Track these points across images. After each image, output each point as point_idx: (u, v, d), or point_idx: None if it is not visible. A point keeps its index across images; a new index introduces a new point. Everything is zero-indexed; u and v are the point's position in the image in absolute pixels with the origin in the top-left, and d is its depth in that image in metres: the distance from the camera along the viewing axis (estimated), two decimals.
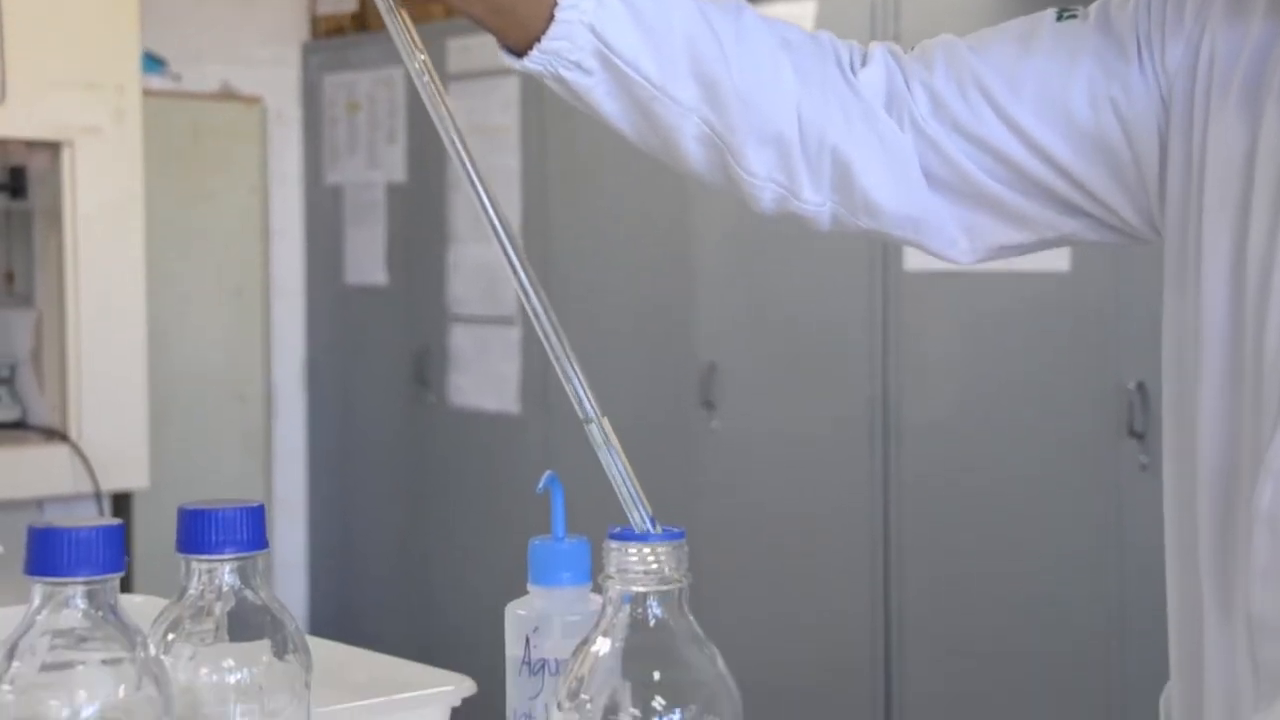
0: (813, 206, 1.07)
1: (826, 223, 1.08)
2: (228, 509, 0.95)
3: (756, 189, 1.06)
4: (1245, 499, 0.90)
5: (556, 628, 1.09)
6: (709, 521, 3.10)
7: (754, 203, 1.07)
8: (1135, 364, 2.56)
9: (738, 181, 1.06)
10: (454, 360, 3.84)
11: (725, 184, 1.07)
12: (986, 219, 1.06)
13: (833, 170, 1.05)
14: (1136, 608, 2.52)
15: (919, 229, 1.07)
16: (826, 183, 1.06)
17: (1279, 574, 0.86)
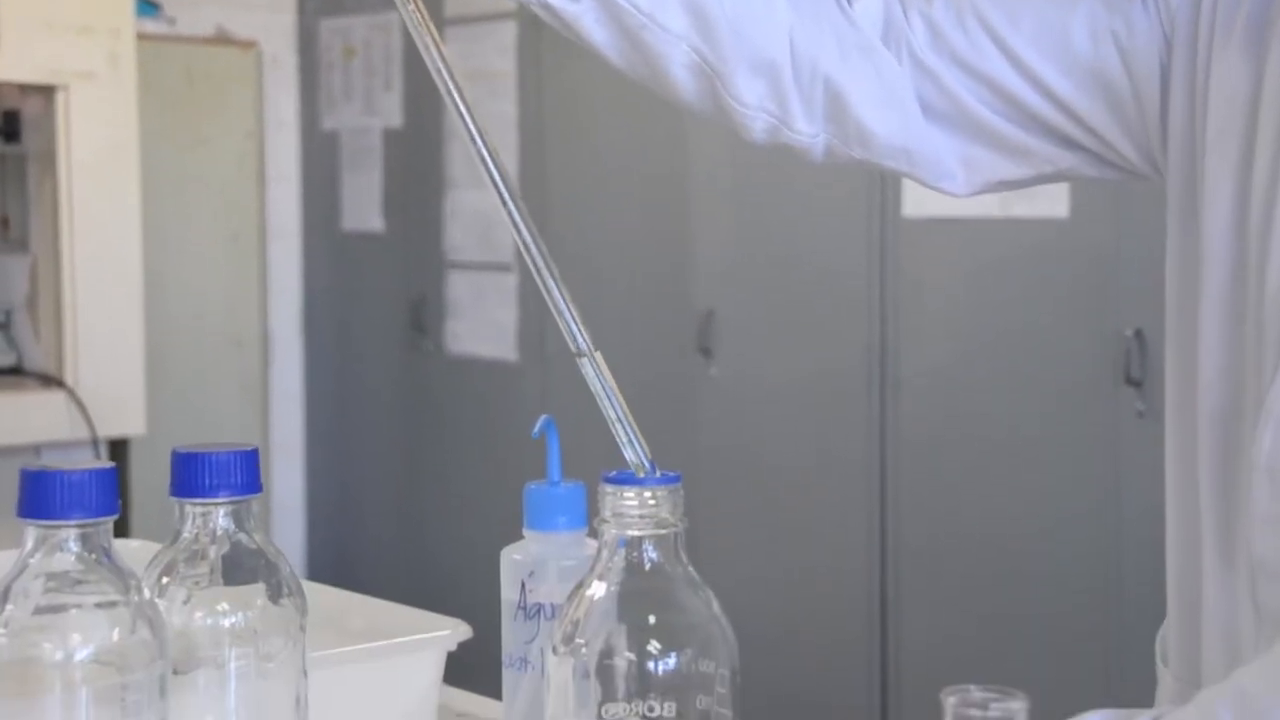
0: (805, 137, 1.05)
1: (819, 154, 1.07)
2: (222, 452, 0.95)
3: (747, 119, 1.05)
4: (1245, 443, 0.89)
5: (552, 572, 1.09)
6: (707, 469, 3.10)
7: (745, 132, 1.06)
8: (1134, 311, 2.56)
9: (728, 111, 1.05)
10: (451, 307, 3.83)
11: (716, 114, 1.05)
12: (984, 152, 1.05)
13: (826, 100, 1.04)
14: (1133, 553, 2.53)
15: (913, 160, 1.05)
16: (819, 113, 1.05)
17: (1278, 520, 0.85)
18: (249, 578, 0.96)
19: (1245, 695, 0.77)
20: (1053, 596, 2.67)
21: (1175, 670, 1.00)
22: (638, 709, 0.87)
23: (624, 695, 0.87)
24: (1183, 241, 0.98)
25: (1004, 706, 0.71)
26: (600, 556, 0.89)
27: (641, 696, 0.87)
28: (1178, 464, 0.99)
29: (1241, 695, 0.77)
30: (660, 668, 0.87)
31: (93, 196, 3.38)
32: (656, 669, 0.87)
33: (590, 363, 0.92)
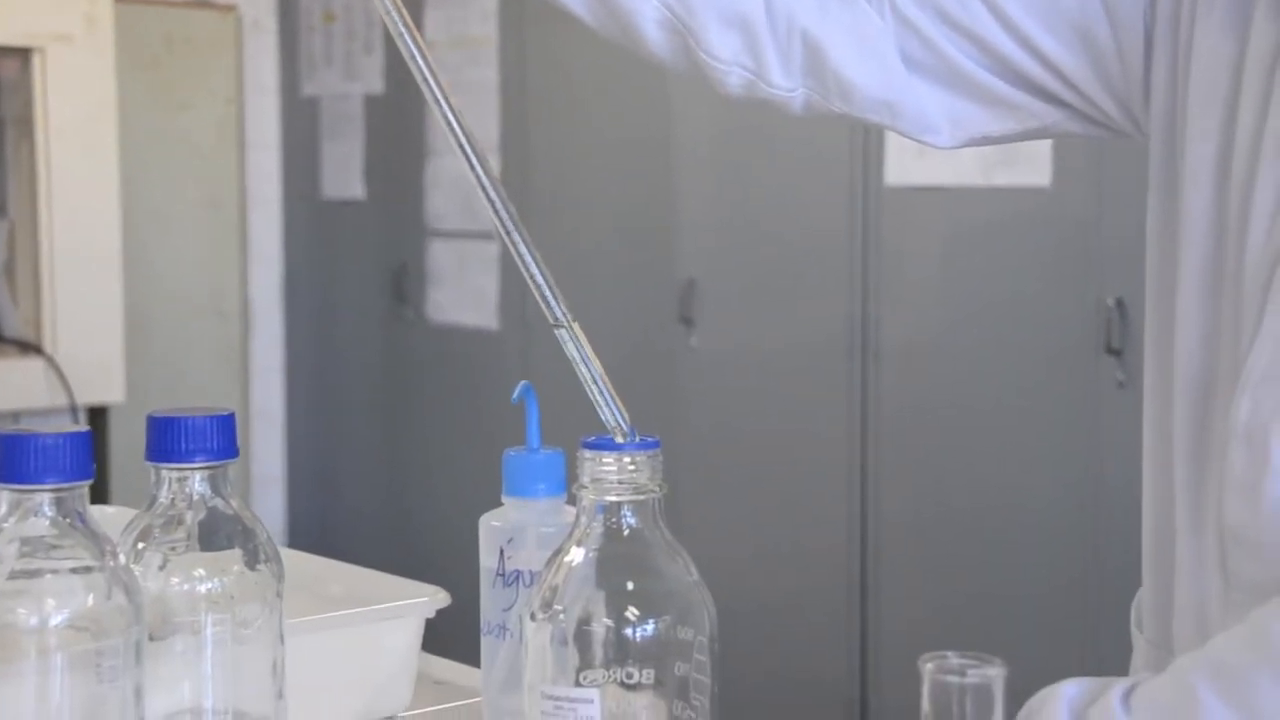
0: (783, 91, 1.04)
1: (799, 108, 1.06)
2: (198, 417, 0.94)
3: (721, 73, 1.04)
4: (1221, 410, 0.89)
5: (531, 539, 1.08)
6: (688, 438, 3.10)
7: (720, 86, 1.05)
8: (1115, 281, 2.56)
9: (702, 66, 1.03)
10: (432, 276, 3.82)
11: (690, 69, 1.04)
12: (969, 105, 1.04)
13: (804, 54, 1.03)
14: (1111, 521, 2.53)
15: (895, 114, 1.04)
16: (797, 67, 1.04)
17: (1253, 487, 0.85)
18: (225, 543, 0.95)
19: (1220, 665, 0.77)
20: (1032, 565, 2.67)
21: (1149, 635, 1.01)
22: (616, 675, 0.87)
23: (602, 662, 0.87)
24: (1163, 207, 0.98)
25: (981, 673, 0.71)
26: (579, 522, 0.89)
27: (620, 663, 0.87)
28: (1154, 431, 0.99)
29: (1216, 665, 0.77)
30: (639, 634, 0.87)
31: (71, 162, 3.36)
32: (635, 635, 0.87)
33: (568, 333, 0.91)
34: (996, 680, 0.71)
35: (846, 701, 2.89)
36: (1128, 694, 0.79)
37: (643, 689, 0.87)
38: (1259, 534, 0.85)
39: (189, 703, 0.95)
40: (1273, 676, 0.75)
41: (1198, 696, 0.76)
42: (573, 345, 0.91)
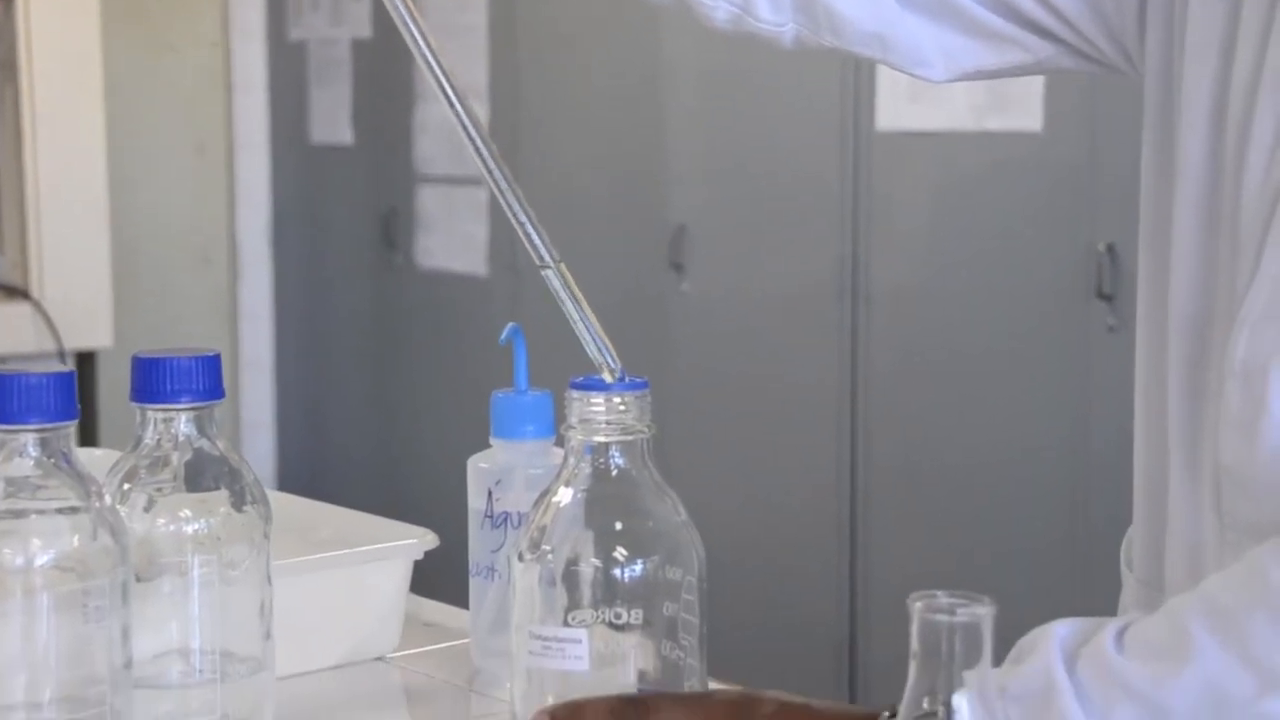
0: (771, 26, 1.03)
1: (788, 42, 1.04)
2: (183, 357, 0.94)
3: (708, 7, 1.03)
4: (1217, 349, 0.89)
5: (519, 481, 1.08)
6: (678, 384, 3.10)
7: (706, 20, 1.03)
8: (1106, 226, 2.55)
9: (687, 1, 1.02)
10: (421, 221, 3.80)
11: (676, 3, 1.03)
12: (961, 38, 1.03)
13: None
14: (1100, 465, 2.54)
15: (887, 47, 1.03)
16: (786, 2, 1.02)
17: (1249, 426, 0.85)
18: (212, 485, 0.95)
19: (1215, 605, 0.77)
20: (1021, 509, 2.68)
21: (1139, 574, 1.01)
22: (604, 616, 0.87)
23: (590, 602, 0.87)
24: (1158, 145, 0.97)
25: (970, 611, 0.71)
26: (567, 463, 0.88)
27: (608, 603, 0.87)
28: (1147, 372, 0.99)
29: (1211, 605, 0.77)
30: (627, 574, 0.87)
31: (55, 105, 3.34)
32: (623, 576, 0.87)
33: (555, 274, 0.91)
34: (986, 619, 0.71)
35: (836, 643, 2.90)
36: (1120, 633, 0.79)
37: (631, 629, 0.87)
38: (1255, 473, 0.85)
39: (176, 643, 0.95)
40: (1268, 618, 0.75)
41: (1191, 637, 0.76)
42: (560, 285, 0.90)
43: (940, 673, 0.72)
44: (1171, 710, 0.76)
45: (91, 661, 0.87)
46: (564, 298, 0.90)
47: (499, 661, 1.05)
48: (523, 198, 0.92)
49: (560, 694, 0.86)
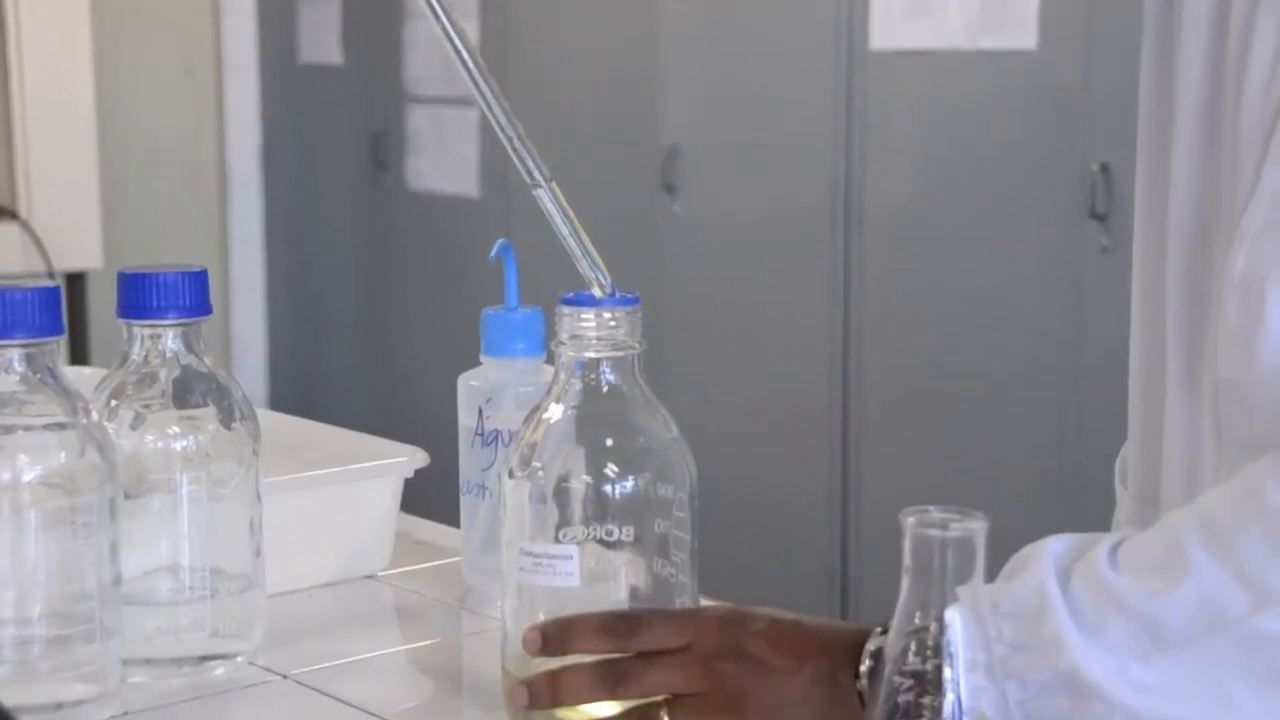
0: None
1: None
2: (170, 273, 0.93)
3: None
4: (1216, 264, 0.88)
5: (509, 399, 1.08)
6: (670, 306, 3.09)
7: None
8: (1100, 145, 2.54)
9: None
10: (411, 142, 3.78)
11: None
12: None
13: None
14: (1093, 385, 2.53)
15: None
16: None
17: (1247, 340, 0.84)
18: (200, 401, 0.95)
19: (1210, 522, 0.77)
20: (1014, 429, 2.68)
21: (1134, 491, 1.00)
22: (595, 532, 0.86)
23: (581, 519, 0.86)
24: (1157, 60, 0.96)
25: (963, 526, 0.70)
26: (557, 379, 0.88)
27: (599, 520, 0.86)
28: (1144, 287, 0.98)
29: (1207, 522, 0.77)
30: (618, 491, 0.86)
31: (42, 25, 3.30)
32: (614, 492, 0.86)
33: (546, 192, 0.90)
34: (979, 534, 0.70)
35: (827, 564, 2.91)
36: (1114, 550, 0.78)
37: (622, 546, 0.87)
38: (1252, 387, 0.84)
39: (166, 560, 0.95)
40: (1263, 535, 0.75)
41: (1186, 553, 0.76)
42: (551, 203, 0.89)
43: (932, 588, 0.71)
44: (1165, 626, 0.76)
45: (80, 577, 0.87)
46: (555, 216, 0.89)
47: (490, 579, 1.05)
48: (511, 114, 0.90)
49: (551, 611, 0.86)
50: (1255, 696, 0.76)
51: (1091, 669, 0.75)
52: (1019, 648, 0.77)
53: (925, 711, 0.71)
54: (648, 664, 0.82)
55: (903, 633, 0.72)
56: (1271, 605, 0.74)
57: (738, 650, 0.82)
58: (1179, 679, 0.76)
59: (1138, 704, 0.76)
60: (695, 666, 0.82)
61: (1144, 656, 0.76)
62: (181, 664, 0.94)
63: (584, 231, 0.89)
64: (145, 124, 3.96)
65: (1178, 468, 0.92)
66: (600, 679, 0.83)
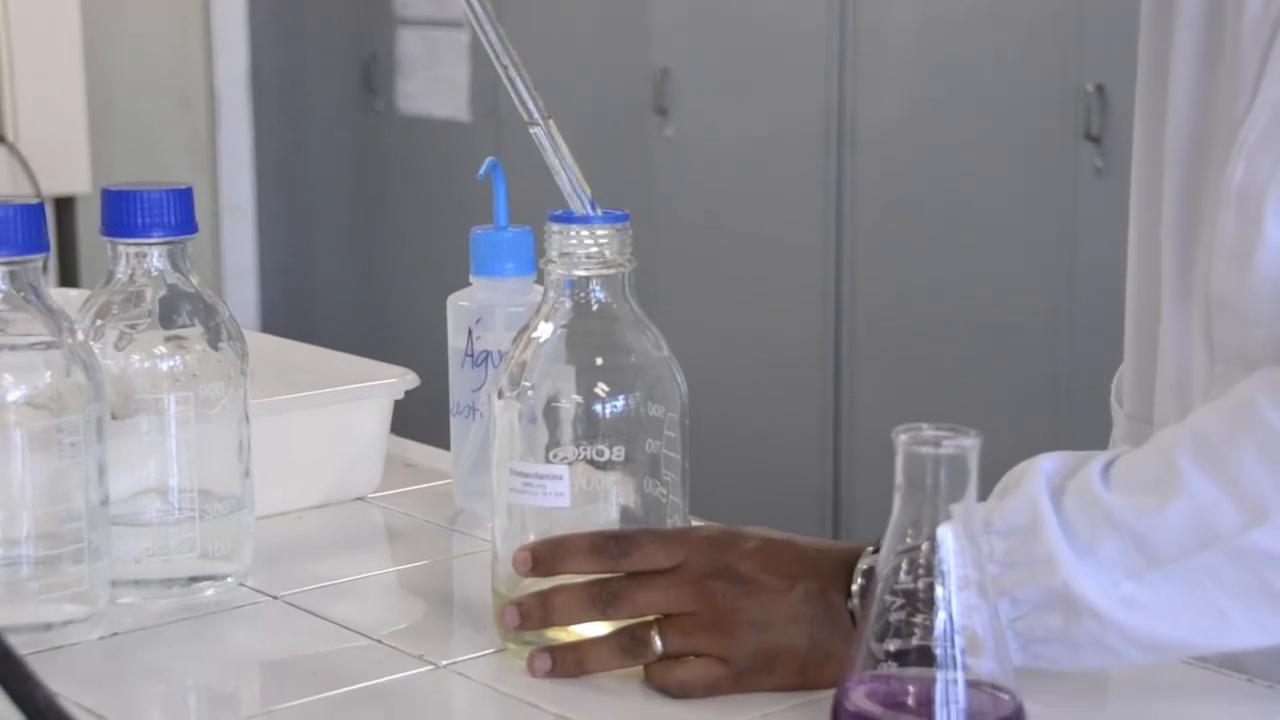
0: None
1: None
2: (155, 190, 0.92)
3: None
4: (1212, 178, 0.87)
5: (499, 319, 1.07)
6: (662, 229, 3.08)
7: None
8: (1095, 66, 2.52)
9: None
10: (402, 66, 3.75)
11: None
12: None
13: None
14: (1088, 307, 2.53)
15: None
16: None
17: (1242, 253, 0.84)
18: (186, 321, 0.94)
19: (1203, 438, 0.77)
20: (1008, 351, 2.68)
21: (1129, 410, 1.00)
22: (585, 453, 0.86)
23: (571, 439, 0.86)
24: None
25: (956, 443, 0.70)
26: (546, 297, 0.87)
27: (589, 440, 0.86)
28: (1141, 203, 0.97)
29: (1199, 438, 0.77)
30: (608, 410, 0.85)
31: None
32: (604, 412, 0.85)
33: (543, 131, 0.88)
34: (972, 451, 0.70)
35: (819, 486, 2.92)
36: (1107, 467, 0.78)
37: (612, 466, 0.86)
38: (1245, 301, 0.84)
39: (154, 482, 0.94)
40: (1255, 450, 0.75)
41: (1179, 469, 0.76)
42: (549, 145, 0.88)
43: (924, 506, 0.71)
44: (1157, 543, 0.75)
45: (68, 498, 0.87)
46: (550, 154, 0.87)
47: (480, 501, 1.05)
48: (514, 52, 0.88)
49: (541, 531, 0.86)
50: (1247, 612, 0.76)
51: (1083, 586, 0.75)
52: (1011, 565, 0.77)
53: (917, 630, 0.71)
54: (638, 584, 0.82)
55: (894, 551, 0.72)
56: (1264, 520, 0.74)
57: (728, 570, 0.81)
58: (1170, 596, 0.76)
59: (1129, 620, 0.76)
60: (686, 586, 0.81)
61: (1136, 574, 0.76)
62: (171, 585, 0.94)
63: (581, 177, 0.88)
64: (133, 47, 3.93)
65: (1171, 384, 0.92)
66: (591, 599, 0.82)
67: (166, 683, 0.86)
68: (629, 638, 0.82)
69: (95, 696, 0.81)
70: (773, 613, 0.80)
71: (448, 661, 0.86)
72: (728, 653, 0.80)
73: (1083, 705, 0.80)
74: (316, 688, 0.83)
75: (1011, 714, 0.71)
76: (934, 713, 0.69)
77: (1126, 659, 0.77)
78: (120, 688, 0.84)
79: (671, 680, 0.81)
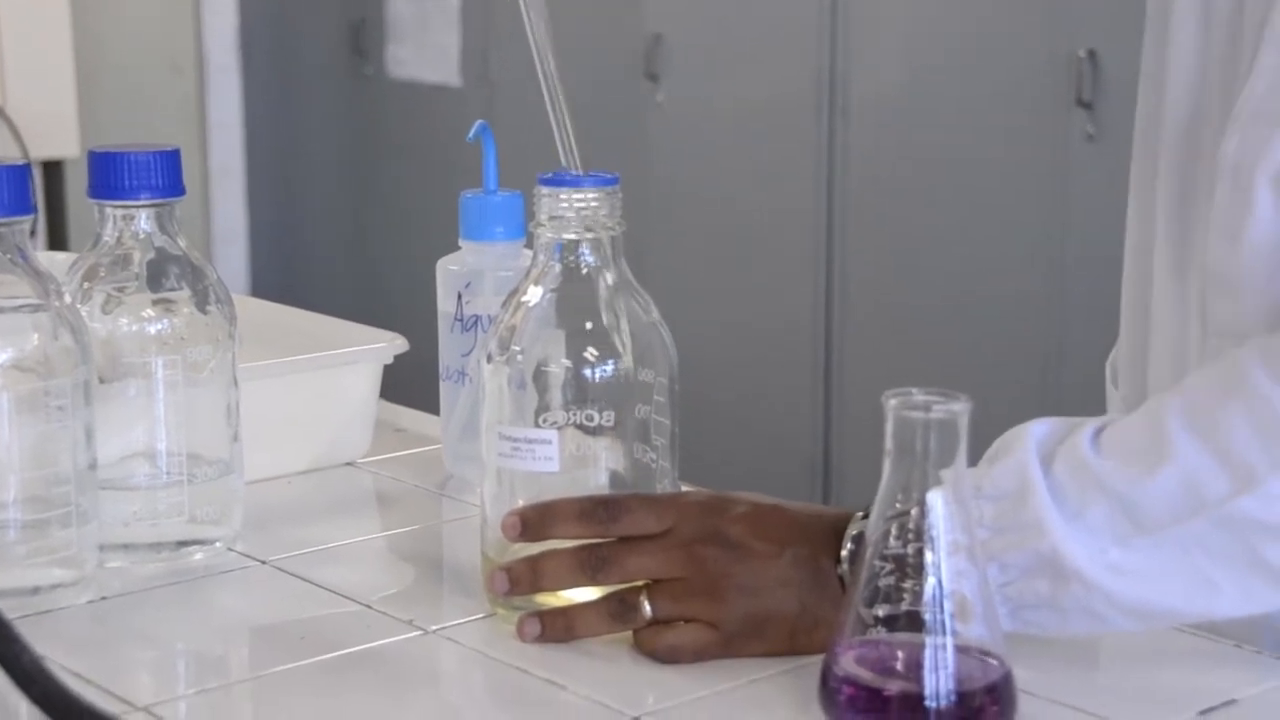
0: None
1: None
2: (142, 152, 0.91)
3: None
4: (1208, 151, 0.87)
5: (489, 284, 1.07)
6: (654, 196, 3.07)
7: None
8: (1087, 31, 2.50)
9: None
10: (392, 30, 3.73)
11: None
12: None
13: None
14: (1079, 275, 2.53)
15: None
16: None
17: (1235, 227, 0.84)
18: (174, 285, 0.93)
19: (1194, 405, 0.76)
20: (1000, 319, 2.67)
21: (1124, 390, 1.00)
22: (575, 417, 0.85)
23: (561, 404, 0.85)
24: None
25: (946, 408, 0.70)
26: (536, 261, 0.86)
27: (579, 404, 0.85)
28: (1139, 176, 0.97)
29: (1190, 404, 0.76)
30: (597, 375, 0.85)
31: None
32: (593, 376, 0.85)
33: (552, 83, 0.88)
34: (962, 416, 0.70)
35: (809, 453, 2.92)
36: (1097, 433, 0.78)
37: (602, 431, 0.86)
38: (1238, 275, 0.84)
39: (142, 446, 0.94)
40: (1245, 415, 0.75)
41: (1169, 436, 0.76)
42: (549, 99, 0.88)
43: (914, 471, 0.71)
44: (1146, 509, 0.75)
45: (56, 461, 0.86)
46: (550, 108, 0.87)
47: (470, 466, 1.04)
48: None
49: (531, 496, 0.86)
50: (1234, 580, 0.76)
51: (1071, 551, 0.75)
52: (1000, 530, 0.77)
53: (906, 595, 0.71)
54: (628, 549, 0.82)
55: (884, 516, 0.72)
56: (1252, 487, 0.74)
57: (718, 535, 0.81)
58: (1157, 562, 0.76)
59: (1115, 587, 0.76)
60: (675, 551, 0.81)
61: (1123, 539, 0.75)
62: (159, 549, 0.94)
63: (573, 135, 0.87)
64: (121, 10, 3.91)
65: (1165, 362, 0.92)
66: (580, 564, 0.82)
67: (155, 647, 0.86)
68: (618, 603, 0.82)
69: (83, 661, 0.81)
70: (762, 578, 0.80)
71: (437, 626, 0.86)
72: (717, 618, 0.80)
73: (1072, 671, 0.80)
74: (305, 652, 0.83)
75: (1000, 679, 0.71)
76: (923, 678, 0.70)
77: (1114, 625, 0.77)
78: (108, 652, 0.84)
79: (661, 645, 0.81)
